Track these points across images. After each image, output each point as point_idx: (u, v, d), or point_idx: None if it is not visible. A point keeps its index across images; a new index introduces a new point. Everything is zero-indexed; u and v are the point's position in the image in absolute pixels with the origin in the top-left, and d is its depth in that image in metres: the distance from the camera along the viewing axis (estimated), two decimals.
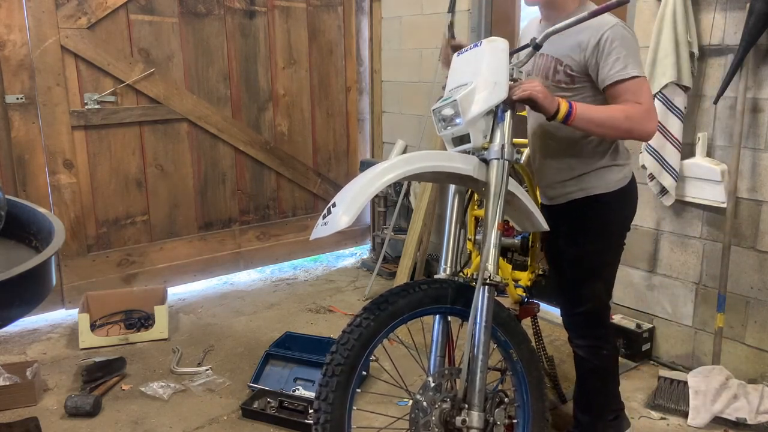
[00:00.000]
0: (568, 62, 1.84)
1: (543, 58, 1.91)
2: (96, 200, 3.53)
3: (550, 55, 1.89)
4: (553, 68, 1.88)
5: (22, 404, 2.57)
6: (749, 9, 2.38)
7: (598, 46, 1.77)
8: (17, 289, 1.42)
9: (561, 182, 1.99)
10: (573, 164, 1.95)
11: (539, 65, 1.92)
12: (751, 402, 2.43)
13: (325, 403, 1.50)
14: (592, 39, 1.78)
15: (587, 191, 1.95)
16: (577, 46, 1.81)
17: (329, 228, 1.46)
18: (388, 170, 1.53)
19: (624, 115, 1.75)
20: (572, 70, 1.84)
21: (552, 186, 2.02)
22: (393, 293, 1.61)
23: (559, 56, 1.86)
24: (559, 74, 1.87)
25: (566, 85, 1.86)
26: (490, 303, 1.63)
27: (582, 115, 1.73)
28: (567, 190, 1.98)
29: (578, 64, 1.83)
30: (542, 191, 2.10)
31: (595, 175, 1.94)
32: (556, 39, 1.79)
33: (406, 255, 3.91)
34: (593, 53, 1.78)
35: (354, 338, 1.53)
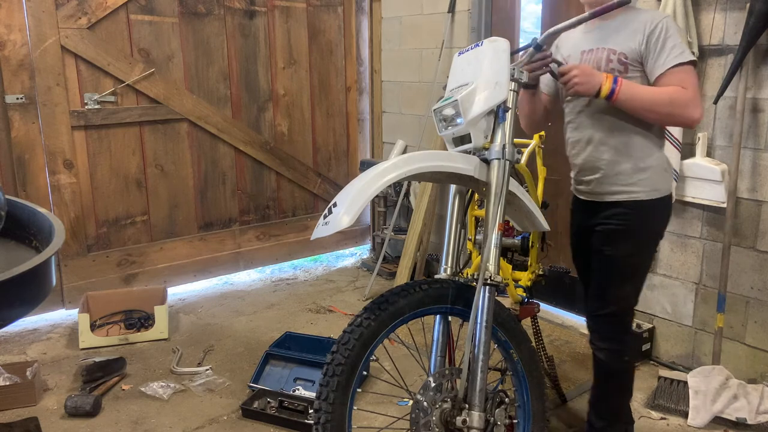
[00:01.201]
0: (622, 50, 1.86)
1: (592, 52, 1.93)
2: (96, 200, 3.53)
3: (600, 47, 1.91)
4: (606, 58, 1.89)
5: (22, 404, 2.57)
6: (749, 9, 2.38)
7: (653, 34, 1.81)
8: (17, 289, 1.42)
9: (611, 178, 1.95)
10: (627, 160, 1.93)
11: (587, 60, 1.94)
12: (751, 402, 2.43)
13: (325, 402, 1.50)
14: (647, 27, 1.82)
15: (635, 195, 1.94)
16: (632, 34, 1.85)
17: (330, 228, 1.46)
18: (389, 170, 1.53)
19: (668, 98, 1.78)
20: (626, 58, 1.86)
21: (599, 182, 1.98)
22: (393, 293, 1.61)
23: (613, 46, 1.88)
24: (612, 63, 1.88)
25: (619, 74, 1.86)
26: (491, 303, 1.63)
27: (626, 92, 1.77)
28: (615, 189, 1.96)
29: (633, 51, 1.85)
30: (581, 184, 2.06)
31: (646, 179, 1.93)
32: (605, 32, 1.90)
33: (406, 255, 3.91)
34: (648, 40, 1.82)
35: (355, 338, 1.53)
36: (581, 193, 2.08)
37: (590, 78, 1.79)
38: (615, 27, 1.90)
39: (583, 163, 2.02)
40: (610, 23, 1.92)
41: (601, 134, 1.95)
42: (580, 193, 2.09)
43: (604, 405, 2.12)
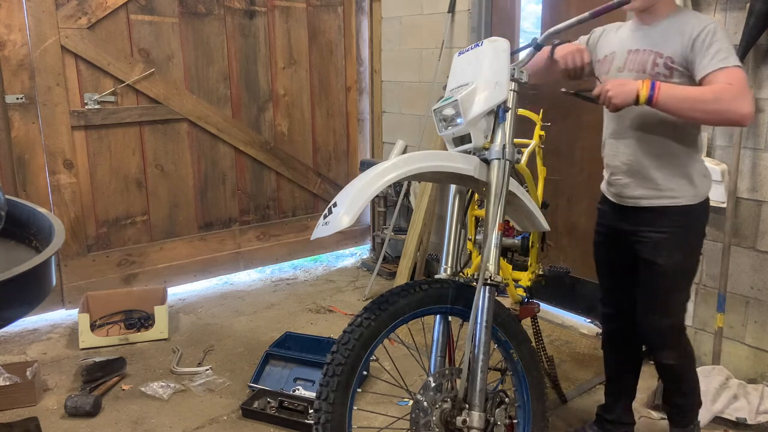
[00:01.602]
0: (669, 54, 1.84)
1: (638, 53, 1.90)
2: (96, 200, 3.53)
3: (647, 49, 1.88)
4: (652, 61, 1.86)
5: (22, 404, 2.57)
6: (749, 9, 2.38)
7: (699, 38, 1.78)
8: (17, 289, 1.42)
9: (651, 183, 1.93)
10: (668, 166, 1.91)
11: (633, 60, 1.91)
12: (751, 402, 2.43)
13: (325, 402, 1.49)
14: (694, 30, 1.79)
15: (678, 201, 1.92)
16: (679, 37, 1.82)
17: (330, 228, 1.46)
18: (389, 170, 1.53)
19: (713, 95, 1.71)
20: (673, 62, 1.83)
21: (639, 186, 1.95)
22: (394, 293, 1.61)
23: (659, 49, 1.85)
24: (658, 66, 1.85)
25: (665, 78, 1.84)
26: (491, 303, 1.63)
27: (666, 94, 1.73)
28: (655, 194, 1.93)
29: (679, 55, 1.82)
30: (617, 186, 2.01)
31: (688, 184, 1.92)
32: (653, 33, 1.88)
33: (406, 255, 3.91)
34: (694, 44, 1.79)
35: (355, 338, 1.53)
36: (616, 196, 2.04)
37: (623, 88, 1.77)
38: (662, 29, 1.88)
39: (621, 167, 1.98)
40: (658, 25, 1.89)
41: (643, 140, 1.92)
42: (616, 196, 2.04)
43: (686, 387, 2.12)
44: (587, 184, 3.30)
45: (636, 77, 1.88)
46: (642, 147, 1.94)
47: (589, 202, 3.30)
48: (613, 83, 1.79)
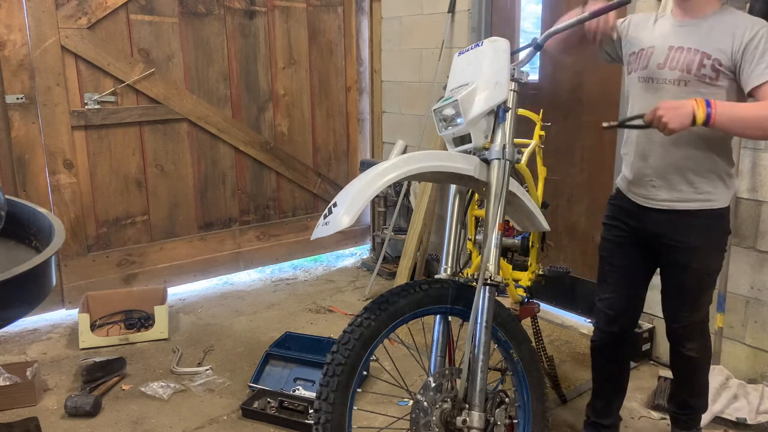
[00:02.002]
0: (717, 56, 1.77)
1: (682, 51, 1.82)
2: (96, 200, 3.53)
3: (693, 48, 1.80)
4: (698, 62, 1.79)
5: (22, 404, 2.57)
6: (749, 9, 2.38)
7: (753, 42, 1.72)
8: (17, 289, 1.42)
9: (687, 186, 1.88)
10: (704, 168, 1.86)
11: (676, 58, 1.83)
12: (751, 402, 2.43)
13: (325, 403, 1.49)
14: (746, 33, 1.74)
15: (712, 204, 1.89)
16: (729, 39, 1.75)
17: (330, 228, 1.46)
18: (389, 170, 1.53)
19: (756, 121, 1.68)
20: (721, 65, 1.77)
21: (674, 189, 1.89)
22: (393, 293, 1.61)
23: (707, 50, 1.78)
24: (705, 68, 1.78)
25: (710, 80, 1.78)
26: (491, 303, 1.63)
27: (723, 114, 1.67)
28: (691, 197, 1.88)
29: (728, 58, 1.76)
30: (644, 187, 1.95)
31: (723, 186, 1.89)
32: (699, 31, 1.80)
33: (406, 255, 3.91)
34: (746, 48, 1.73)
35: (355, 338, 1.53)
36: (644, 198, 1.96)
37: (678, 111, 1.68)
38: (710, 27, 1.80)
39: (655, 168, 1.91)
40: (704, 21, 1.82)
41: (681, 140, 1.85)
42: (643, 198, 1.96)
43: (699, 386, 2.15)
44: (587, 184, 3.30)
45: (679, 77, 1.82)
46: (679, 147, 1.86)
47: (589, 202, 3.30)
48: (666, 107, 1.69)
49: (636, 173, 1.97)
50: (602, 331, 2.14)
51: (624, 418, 2.48)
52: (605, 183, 3.16)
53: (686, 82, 1.82)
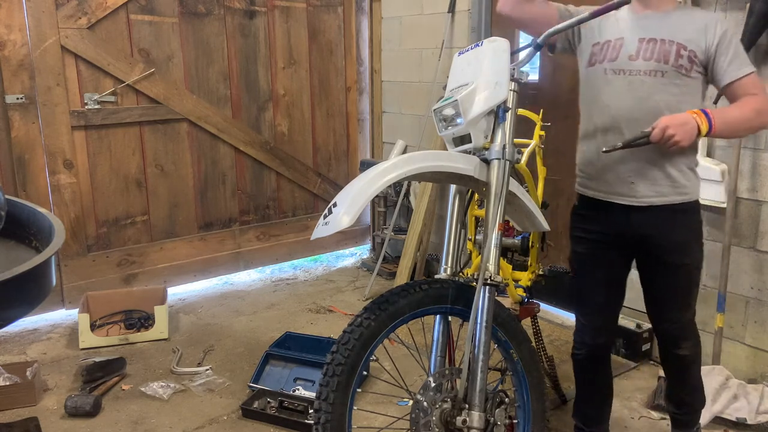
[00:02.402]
0: (692, 47, 1.78)
1: (656, 42, 1.81)
2: (96, 200, 3.53)
3: (667, 39, 1.80)
4: (675, 52, 1.79)
5: (22, 404, 2.57)
6: (749, 9, 2.38)
7: (725, 38, 1.77)
8: (17, 289, 1.42)
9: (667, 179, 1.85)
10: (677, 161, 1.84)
11: (650, 50, 1.81)
12: (751, 402, 2.43)
13: (325, 403, 1.49)
14: (717, 28, 1.77)
15: (689, 196, 1.89)
16: (702, 31, 1.78)
17: (330, 228, 1.46)
18: (389, 170, 1.53)
19: (755, 113, 1.75)
20: (696, 56, 1.79)
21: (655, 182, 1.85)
22: (394, 293, 1.61)
23: (682, 41, 1.79)
24: (682, 59, 1.79)
25: (685, 72, 1.79)
26: (491, 303, 1.63)
27: (721, 122, 1.72)
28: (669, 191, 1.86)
29: (702, 50, 1.78)
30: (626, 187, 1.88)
31: (695, 178, 1.89)
32: (667, 23, 1.81)
33: (406, 255, 3.91)
34: (720, 42, 1.77)
35: (355, 338, 1.53)
36: (619, 197, 1.89)
37: (685, 127, 1.69)
38: (677, 20, 1.82)
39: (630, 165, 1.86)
40: (671, 13, 1.83)
41: None
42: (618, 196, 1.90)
43: (694, 381, 2.10)
44: None
45: (655, 68, 1.80)
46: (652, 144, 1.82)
47: None
48: (671, 122, 1.68)
49: (611, 173, 1.90)
50: (589, 345, 2.07)
51: (624, 418, 2.48)
52: None
53: (663, 73, 1.80)
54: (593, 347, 2.07)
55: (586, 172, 1.98)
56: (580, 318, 2.09)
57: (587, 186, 1.98)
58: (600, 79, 1.89)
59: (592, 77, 1.92)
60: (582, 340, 2.08)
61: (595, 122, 1.91)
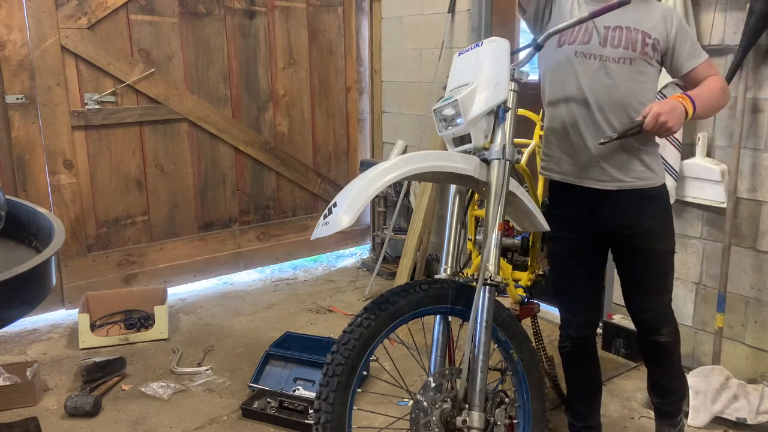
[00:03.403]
0: (656, 35, 1.84)
1: (622, 30, 1.83)
2: (96, 200, 3.53)
3: (632, 27, 1.83)
4: (641, 40, 1.83)
5: (22, 404, 2.57)
6: (749, 9, 2.38)
7: (681, 28, 1.84)
8: (17, 289, 1.42)
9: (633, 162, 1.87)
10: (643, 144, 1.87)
11: (617, 37, 1.83)
12: (751, 402, 2.43)
13: (325, 403, 1.49)
14: (674, 19, 1.85)
15: (659, 179, 1.92)
16: (661, 21, 1.84)
17: (330, 228, 1.46)
18: (389, 170, 1.53)
19: (722, 91, 1.87)
20: (658, 44, 1.84)
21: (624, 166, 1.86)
22: (394, 293, 1.61)
23: (645, 29, 1.83)
24: (648, 47, 1.83)
25: (649, 59, 1.84)
26: (491, 303, 1.63)
27: (701, 105, 1.80)
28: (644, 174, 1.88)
29: (664, 40, 1.85)
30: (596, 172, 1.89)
31: (658, 162, 1.94)
32: (632, 12, 1.83)
33: (406, 255, 3.91)
34: (678, 32, 1.84)
35: (355, 338, 1.53)
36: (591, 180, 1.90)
37: (675, 112, 1.73)
38: (638, 9, 1.84)
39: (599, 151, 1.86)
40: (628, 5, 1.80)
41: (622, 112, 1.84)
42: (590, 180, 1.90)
43: (675, 368, 2.11)
44: None
45: (623, 55, 1.82)
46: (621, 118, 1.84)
47: None
48: (662, 109, 1.71)
49: (581, 160, 1.90)
50: (573, 338, 2.10)
51: (624, 417, 2.48)
52: None
53: (631, 60, 1.83)
54: (578, 340, 2.10)
55: (554, 155, 1.98)
56: (564, 314, 2.12)
57: (554, 171, 1.99)
58: (571, 61, 1.88)
59: (561, 58, 1.90)
60: (567, 334, 2.11)
61: (566, 105, 1.90)
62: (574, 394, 2.21)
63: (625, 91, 1.84)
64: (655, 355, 2.09)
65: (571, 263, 2.04)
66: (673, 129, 1.73)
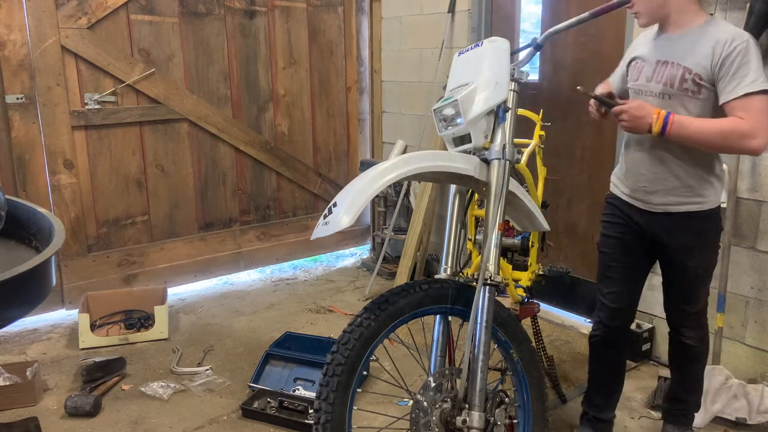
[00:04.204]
0: (697, 70, 1.82)
1: (666, 65, 1.89)
2: (96, 200, 3.53)
3: (675, 62, 1.86)
4: (680, 76, 1.85)
5: (22, 404, 2.57)
6: (749, 9, 2.38)
7: (729, 57, 1.76)
8: (17, 289, 1.42)
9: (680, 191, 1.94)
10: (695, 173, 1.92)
11: (661, 72, 1.90)
12: (751, 402, 2.43)
13: (325, 403, 1.50)
14: (725, 48, 1.77)
15: (705, 205, 1.95)
16: (709, 52, 1.80)
17: (330, 228, 1.46)
18: (389, 170, 1.53)
19: (720, 134, 1.76)
20: (701, 79, 1.82)
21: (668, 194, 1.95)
22: (394, 293, 1.61)
23: (688, 64, 1.84)
24: (687, 83, 1.84)
25: (692, 94, 1.85)
26: (491, 303, 1.63)
27: (677, 133, 1.80)
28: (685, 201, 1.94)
29: (707, 72, 1.81)
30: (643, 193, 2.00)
31: (713, 189, 1.95)
32: (681, 45, 1.86)
33: (406, 255, 3.91)
34: (723, 62, 1.77)
35: (355, 338, 1.53)
36: (641, 203, 2.02)
37: (638, 121, 1.82)
38: (689, 41, 1.85)
39: (647, 175, 1.97)
40: (684, 35, 1.87)
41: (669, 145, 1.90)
42: (641, 202, 2.02)
43: (694, 380, 2.21)
44: (587, 184, 3.31)
45: (662, 90, 1.89)
46: (668, 157, 1.92)
47: (589, 202, 3.30)
48: (630, 109, 1.83)
49: (630, 180, 2.04)
50: (605, 325, 2.16)
51: (624, 417, 2.48)
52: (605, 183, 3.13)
53: (670, 96, 1.88)
54: (609, 328, 2.15)
55: (619, 174, 2.12)
56: (601, 298, 2.17)
57: (615, 184, 2.14)
58: (630, 97, 2.05)
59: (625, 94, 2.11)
60: (600, 320, 2.17)
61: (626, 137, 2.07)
62: (594, 384, 2.27)
63: None
64: (678, 356, 2.19)
65: (616, 248, 2.11)
66: (625, 129, 1.87)
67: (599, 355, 2.23)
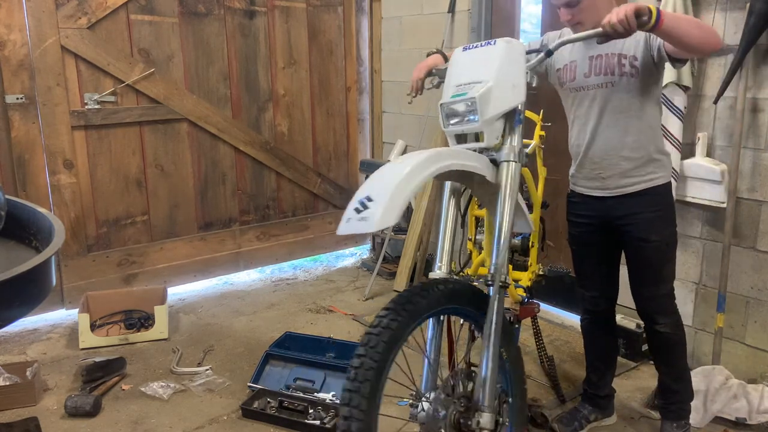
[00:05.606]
0: (633, 53, 1.92)
1: (601, 58, 1.97)
2: (96, 200, 3.53)
3: (609, 53, 1.95)
4: (617, 63, 1.94)
5: (22, 404, 2.57)
6: (749, 9, 2.38)
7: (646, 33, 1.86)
8: (17, 289, 1.42)
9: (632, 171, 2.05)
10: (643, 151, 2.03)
11: (598, 65, 1.99)
12: (751, 402, 2.43)
13: (357, 410, 1.39)
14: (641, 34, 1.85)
15: (657, 181, 2.06)
16: (634, 38, 1.86)
17: (369, 225, 1.35)
18: (426, 163, 1.45)
19: (696, 23, 1.81)
20: (636, 59, 1.92)
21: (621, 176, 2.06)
22: (414, 293, 1.55)
23: (622, 51, 1.94)
24: (625, 67, 1.94)
25: (633, 77, 1.94)
26: (502, 305, 1.64)
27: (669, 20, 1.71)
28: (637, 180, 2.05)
29: (641, 52, 1.91)
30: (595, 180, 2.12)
31: (661, 165, 2.06)
32: None
33: (406, 255, 3.91)
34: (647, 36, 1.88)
35: (383, 340, 1.44)
36: (596, 189, 2.14)
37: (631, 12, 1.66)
38: None
39: (598, 161, 2.09)
40: None
41: (615, 130, 2.02)
42: (595, 189, 2.14)
43: (677, 370, 2.24)
44: None
45: (604, 80, 1.98)
46: (615, 140, 2.03)
47: None
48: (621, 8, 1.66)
49: (585, 171, 2.15)
50: (590, 312, 2.34)
51: (624, 417, 2.48)
52: None
53: (612, 84, 1.97)
54: (594, 313, 2.33)
55: (572, 171, 2.26)
56: (581, 289, 2.33)
57: (573, 182, 2.27)
58: (569, 99, 2.14)
59: (564, 98, 2.18)
60: (585, 308, 2.35)
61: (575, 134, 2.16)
62: (589, 362, 2.41)
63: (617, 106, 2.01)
64: (656, 345, 2.23)
65: (584, 245, 2.26)
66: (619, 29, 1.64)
67: (590, 337, 2.39)
